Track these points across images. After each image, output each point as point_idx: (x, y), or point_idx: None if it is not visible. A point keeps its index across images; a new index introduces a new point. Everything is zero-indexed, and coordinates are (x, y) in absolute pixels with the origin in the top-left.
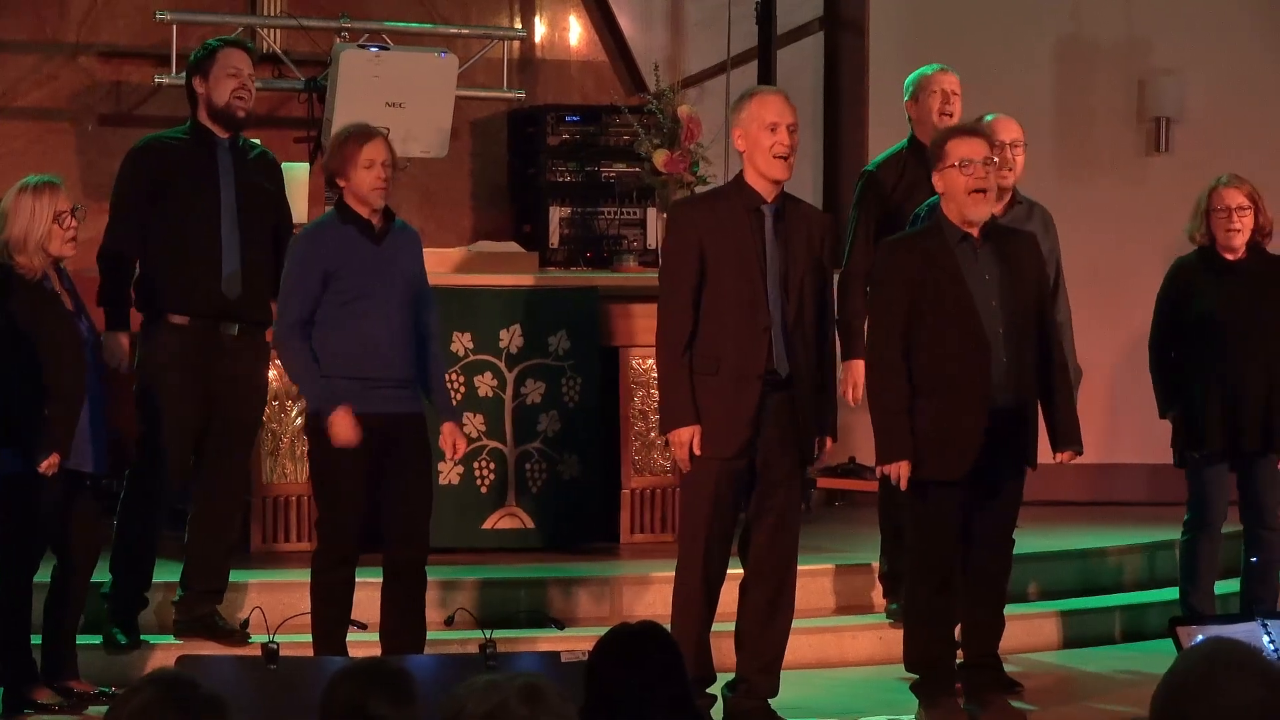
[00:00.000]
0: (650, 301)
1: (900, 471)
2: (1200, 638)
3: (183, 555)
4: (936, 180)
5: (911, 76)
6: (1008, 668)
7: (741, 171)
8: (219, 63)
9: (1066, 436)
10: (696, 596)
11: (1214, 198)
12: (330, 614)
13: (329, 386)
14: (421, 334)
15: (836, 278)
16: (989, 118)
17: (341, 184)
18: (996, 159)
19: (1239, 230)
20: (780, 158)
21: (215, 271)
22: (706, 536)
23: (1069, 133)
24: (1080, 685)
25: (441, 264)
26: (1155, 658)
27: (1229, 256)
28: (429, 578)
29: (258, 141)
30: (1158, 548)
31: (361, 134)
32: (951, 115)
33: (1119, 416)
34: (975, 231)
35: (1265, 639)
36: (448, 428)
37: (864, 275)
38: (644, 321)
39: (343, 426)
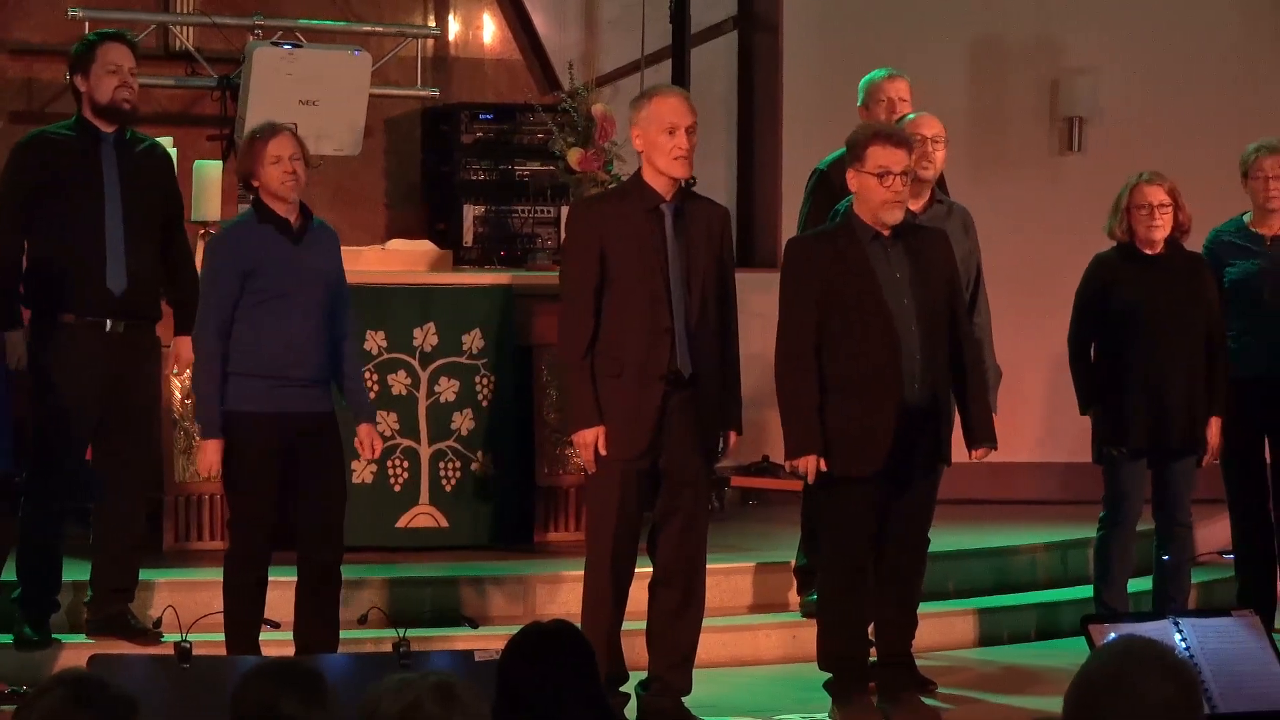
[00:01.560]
0: None
1: (808, 465)
2: (1113, 636)
3: (90, 554)
4: (851, 178)
5: (863, 81)
6: (921, 665)
7: (640, 170)
8: (98, 60)
9: (980, 434)
10: (605, 596)
11: (1135, 194)
12: (243, 613)
13: (215, 412)
14: (338, 334)
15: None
16: (910, 116)
17: (255, 184)
18: (914, 170)
19: (1160, 226)
20: (680, 159)
21: (101, 268)
22: (614, 537)
23: (983, 132)
24: (994, 683)
25: (355, 262)
26: (1068, 655)
27: (1149, 252)
28: (342, 576)
29: (150, 136)
30: (1071, 546)
31: (266, 131)
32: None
33: (1034, 415)
34: (887, 230)
35: (1177, 637)
36: (364, 429)
37: None
38: (557, 320)
39: (210, 459)
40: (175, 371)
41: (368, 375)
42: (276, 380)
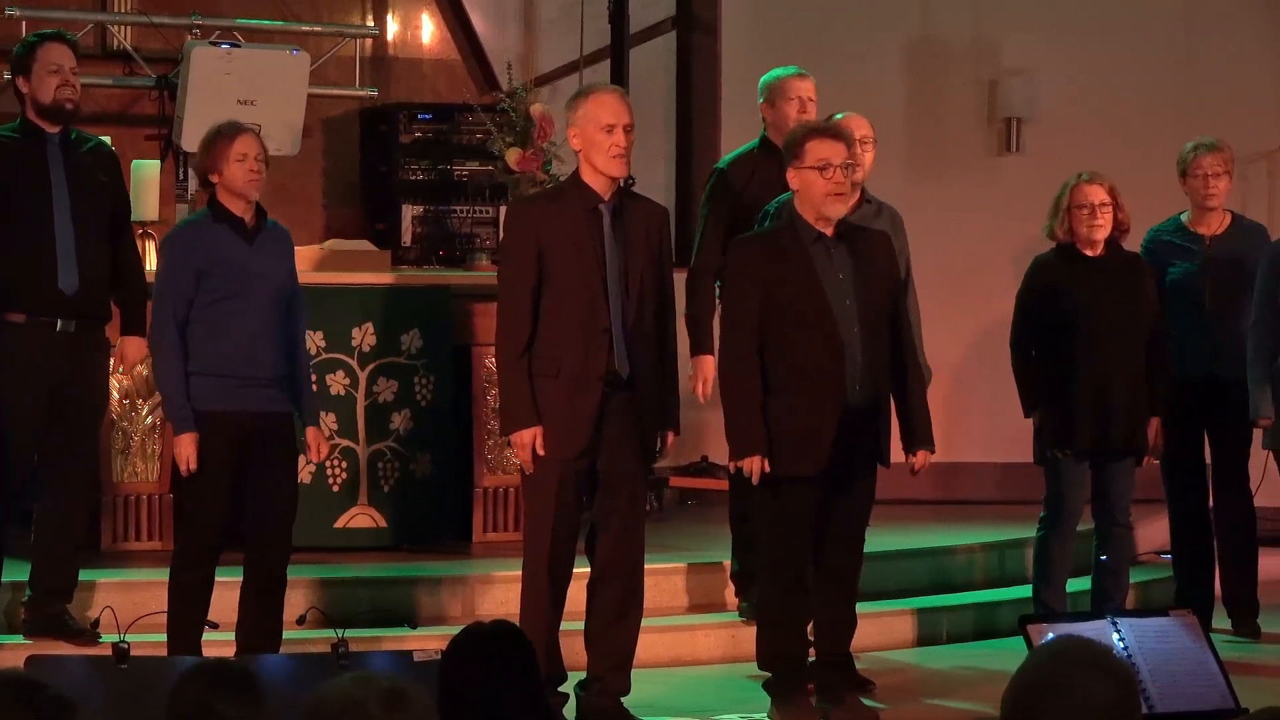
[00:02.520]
0: None
1: (753, 466)
2: (1051, 636)
3: (30, 554)
4: (792, 177)
5: (766, 78)
6: (860, 665)
7: (578, 170)
8: (39, 60)
9: (919, 436)
10: (543, 597)
11: (1075, 195)
12: (188, 613)
13: (186, 407)
14: (292, 333)
15: (688, 272)
16: (838, 116)
17: (215, 180)
18: (853, 161)
19: (1101, 226)
20: (617, 158)
21: (50, 268)
22: (551, 537)
23: (920, 133)
24: (932, 683)
25: None
26: (1006, 655)
27: (1089, 253)
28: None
29: (94, 135)
30: (1008, 546)
31: (231, 129)
32: None
33: (969, 415)
34: (829, 230)
35: (1115, 637)
36: (311, 432)
37: (713, 272)
38: (496, 320)
39: (186, 452)
40: (120, 371)
41: None
42: (234, 379)
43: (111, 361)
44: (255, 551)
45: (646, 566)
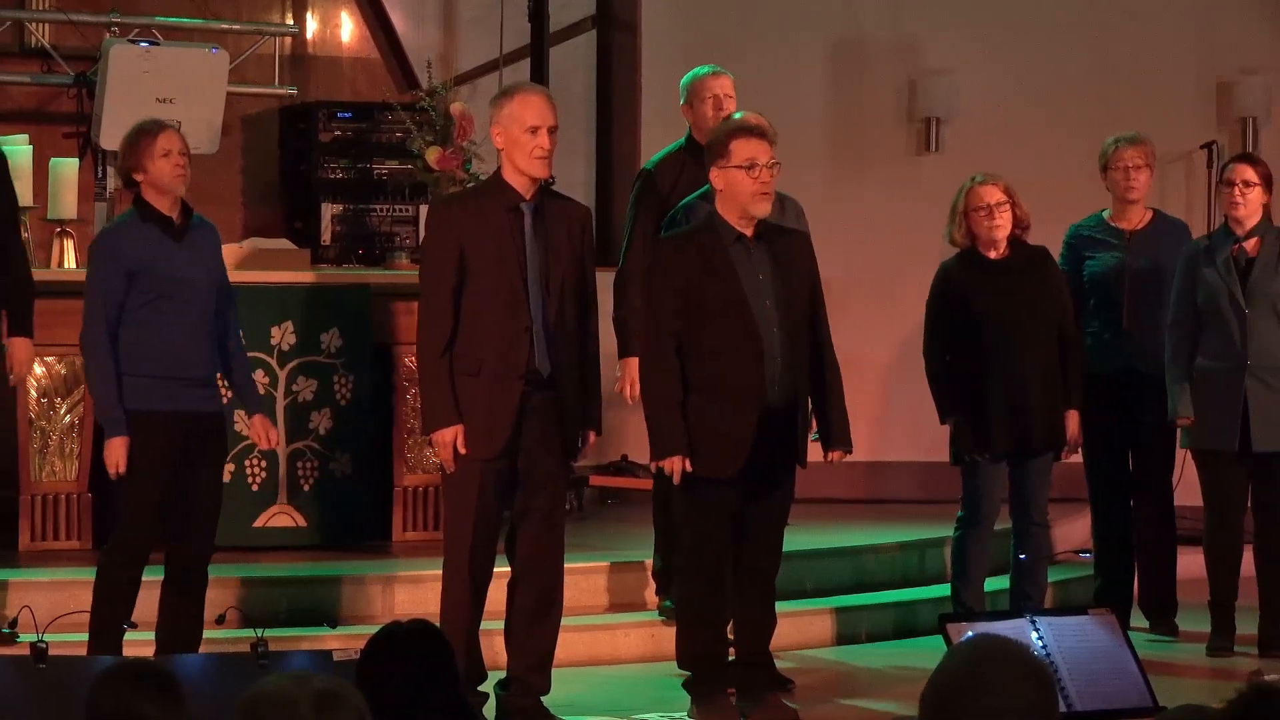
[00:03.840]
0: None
1: (674, 466)
2: (970, 634)
3: None
4: (716, 177)
5: (685, 79)
6: (780, 665)
7: (499, 169)
8: None
9: (837, 436)
10: (464, 596)
11: (971, 197)
12: (113, 612)
13: (118, 409)
14: (224, 330)
15: (616, 274)
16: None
17: (139, 178)
18: (777, 160)
19: (1001, 226)
20: (540, 159)
21: None
22: (472, 536)
23: (840, 133)
24: (852, 682)
25: None
26: (926, 654)
27: (992, 255)
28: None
29: None
30: (928, 545)
31: (154, 126)
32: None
33: (889, 414)
34: (749, 231)
35: (1034, 635)
36: (258, 420)
37: (641, 273)
38: (416, 319)
39: (116, 456)
40: (10, 371)
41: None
42: (168, 379)
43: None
44: (179, 550)
45: (566, 566)
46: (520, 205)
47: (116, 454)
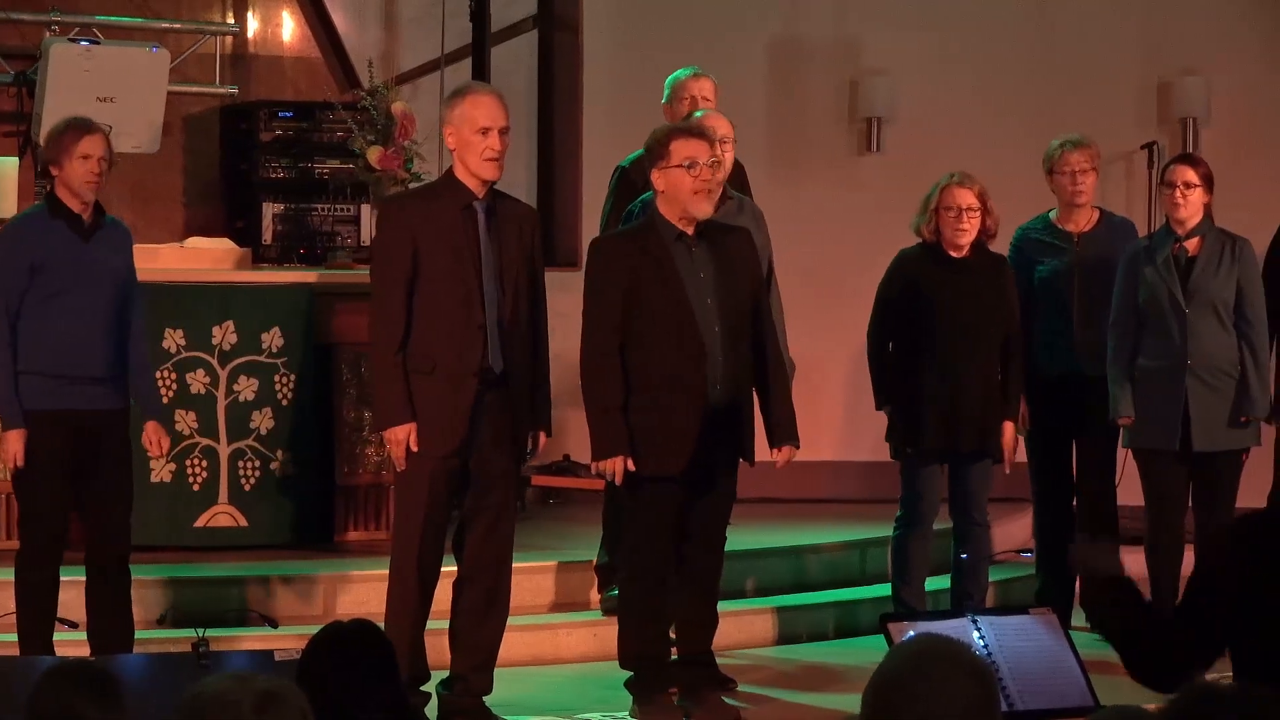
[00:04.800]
0: (364, 299)
1: (615, 467)
2: (911, 634)
3: None
4: (657, 178)
5: (670, 79)
6: (721, 664)
7: (451, 168)
8: None
9: (784, 432)
10: (411, 594)
11: (944, 195)
12: (34, 613)
13: (14, 402)
14: (126, 331)
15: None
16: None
17: (55, 172)
18: (718, 158)
19: (967, 230)
20: (491, 160)
21: None
22: (421, 534)
23: (782, 132)
24: (793, 681)
25: (153, 260)
26: (867, 654)
27: (954, 254)
28: (140, 576)
29: None
30: (869, 544)
31: (82, 126)
32: None
33: (829, 414)
34: (691, 230)
35: (975, 635)
36: (150, 426)
37: None
38: (358, 318)
39: (13, 449)
40: None
41: (167, 374)
42: (65, 378)
43: None
44: (95, 548)
45: None
46: (473, 204)
47: (13, 447)
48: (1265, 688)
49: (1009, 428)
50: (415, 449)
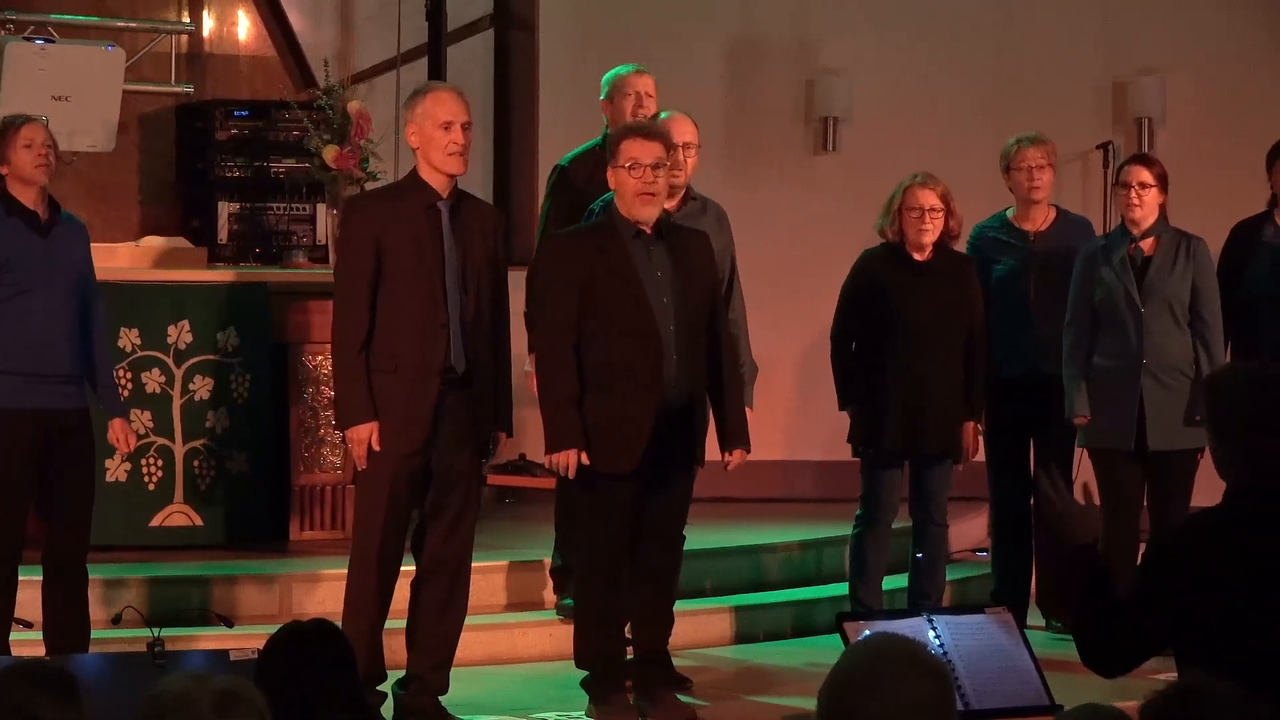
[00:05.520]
0: (320, 298)
1: (569, 460)
2: (867, 633)
3: None
4: (610, 176)
5: (607, 76)
6: (678, 663)
7: (416, 168)
8: None
9: (735, 435)
10: (370, 593)
11: (908, 196)
12: None
13: None
14: (88, 328)
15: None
16: (664, 115)
17: (4, 171)
18: (668, 161)
19: (930, 231)
20: (454, 155)
21: None
22: (382, 533)
23: (738, 132)
24: (750, 680)
25: (109, 259)
26: (824, 653)
27: (917, 256)
28: (96, 575)
29: None
30: (826, 544)
31: (17, 119)
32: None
33: (786, 413)
34: (648, 228)
35: (931, 634)
36: (117, 424)
37: None
38: (314, 318)
39: None
40: None
41: (122, 373)
42: (34, 376)
43: None
44: (54, 547)
45: None
46: (438, 203)
47: None
48: (1247, 690)
49: (970, 427)
50: (377, 448)
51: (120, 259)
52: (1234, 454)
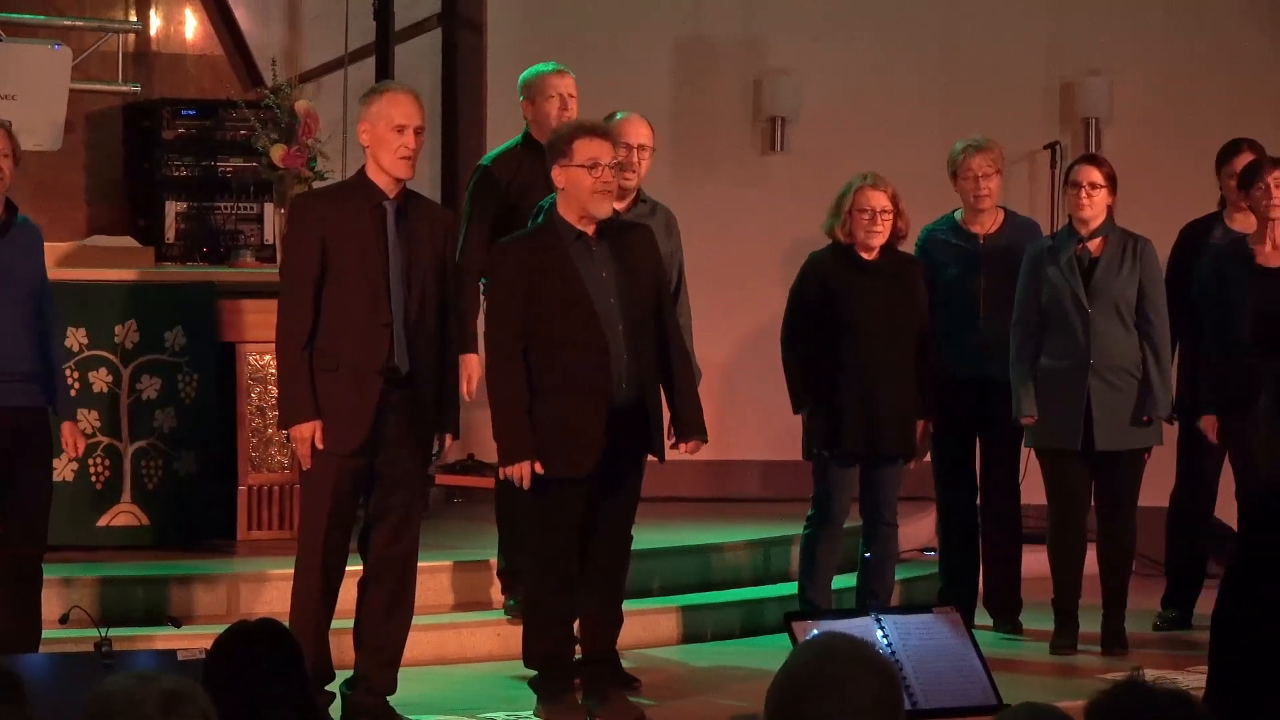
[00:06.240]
0: (268, 297)
1: (523, 472)
2: (815, 632)
3: None
4: (557, 175)
5: (525, 75)
6: (626, 663)
7: (364, 167)
8: None
9: (690, 425)
10: (315, 593)
11: (858, 198)
12: None
13: None
14: (44, 330)
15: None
16: (619, 115)
17: None
18: (621, 160)
19: (880, 233)
20: (405, 159)
21: None
22: (326, 533)
23: (686, 131)
24: (698, 680)
25: (55, 259)
26: (772, 653)
27: (865, 256)
28: (43, 575)
29: None
30: (774, 543)
31: None
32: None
33: (736, 413)
34: (590, 229)
35: (879, 634)
36: (67, 427)
37: (478, 271)
38: (261, 317)
39: None
40: None
41: (69, 372)
42: None
43: None
44: (10, 547)
45: None
46: (384, 203)
47: None
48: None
49: (922, 426)
50: (320, 447)
51: (67, 259)
52: None
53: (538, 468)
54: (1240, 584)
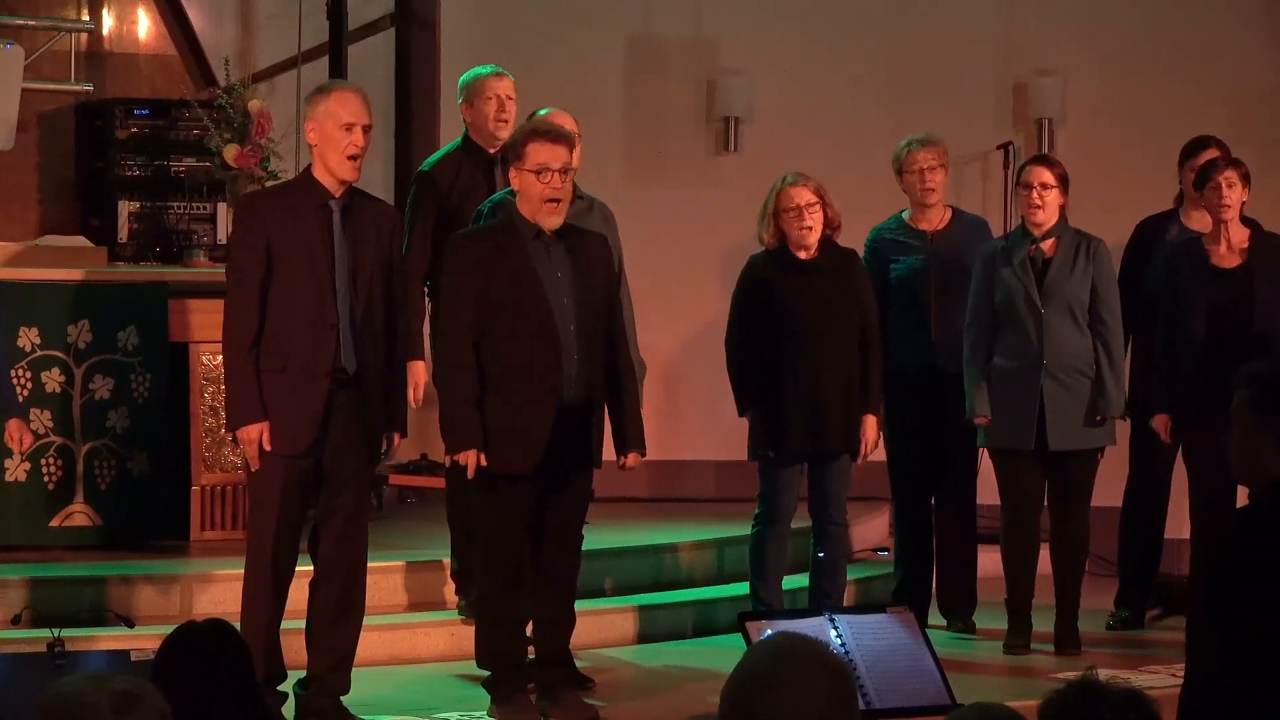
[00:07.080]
0: (221, 297)
1: (469, 460)
2: (769, 632)
3: None
4: (513, 177)
5: (464, 78)
6: (580, 664)
7: (310, 166)
8: None
9: (631, 439)
10: (265, 594)
11: (781, 198)
12: None
13: None
14: None
15: None
16: (543, 112)
17: None
18: (573, 165)
19: (811, 229)
20: (351, 159)
21: None
22: (275, 534)
23: (639, 133)
24: (652, 680)
25: (7, 258)
26: (726, 653)
27: (802, 255)
28: None
29: None
30: (727, 543)
31: None
32: (507, 121)
33: (685, 413)
34: (549, 230)
35: (833, 633)
36: (13, 423)
37: (421, 275)
38: (215, 317)
39: None
40: None
41: (21, 372)
42: None
43: None
44: None
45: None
46: (329, 202)
47: None
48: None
49: (870, 421)
50: (268, 448)
51: (19, 258)
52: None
53: (483, 459)
54: (1221, 584)
